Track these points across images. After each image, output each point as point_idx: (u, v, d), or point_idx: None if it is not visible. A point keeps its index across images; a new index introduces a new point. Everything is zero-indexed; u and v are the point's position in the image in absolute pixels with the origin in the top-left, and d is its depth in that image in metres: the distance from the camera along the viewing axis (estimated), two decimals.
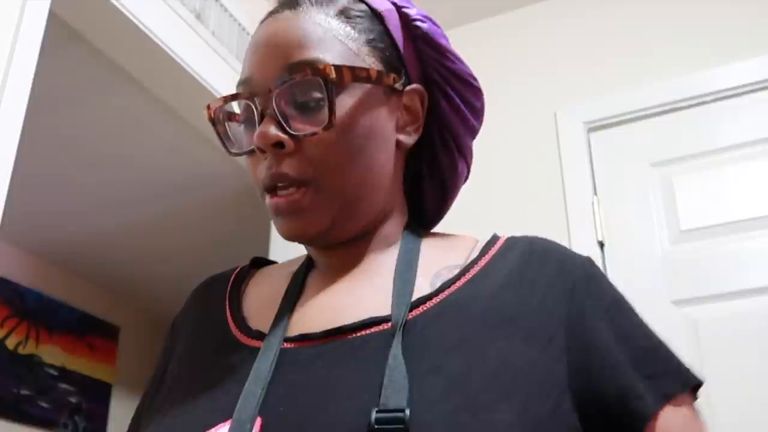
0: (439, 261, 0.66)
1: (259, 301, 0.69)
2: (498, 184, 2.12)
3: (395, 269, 0.64)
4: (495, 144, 2.16)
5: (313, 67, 0.60)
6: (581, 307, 0.61)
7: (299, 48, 0.62)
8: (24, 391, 3.41)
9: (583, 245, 1.93)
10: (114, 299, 4.06)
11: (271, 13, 0.66)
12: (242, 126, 0.65)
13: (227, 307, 0.69)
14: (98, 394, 3.82)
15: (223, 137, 0.66)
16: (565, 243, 2.16)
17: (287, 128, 0.60)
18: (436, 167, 0.73)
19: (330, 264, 0.68)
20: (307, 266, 0.69)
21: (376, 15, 0.67)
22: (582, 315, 0.61)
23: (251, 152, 0.63)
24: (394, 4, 0.68)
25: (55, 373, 3.60)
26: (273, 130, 0.60)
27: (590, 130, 2.07)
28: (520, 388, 0.55)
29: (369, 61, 0.64)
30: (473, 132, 0.73)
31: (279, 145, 0.60)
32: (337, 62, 0.61)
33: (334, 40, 0.63)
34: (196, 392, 0.61)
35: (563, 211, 1.99)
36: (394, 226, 0.69)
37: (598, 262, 1.89)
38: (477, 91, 0.72)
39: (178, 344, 0.71)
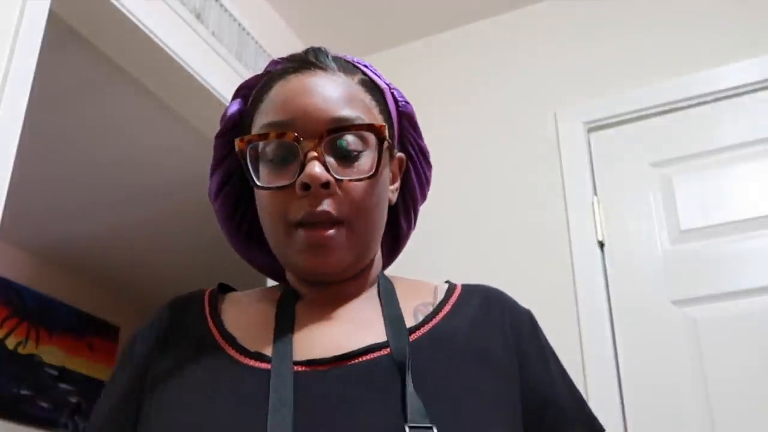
0: (412, 299, 0.76)
1: (245, 324, 0.73)
2: (498, 184, 2.12)
3: (381, 305, 0.73)
4: (495, 144, 2.16)
5: (369, 124, 0.70)
6: (527, 351, 0.74)
7: (342, 104, 0.70)
8: (24, 391, 3.42)
9: (583, 245, 1.93)
10: (114, 299, 4.07)
11: (299, 68, 0.73)
12: (270, 163, 0.71)
13: (213, 327, 0.73)
14: (98, 394, 3.81)
15: (252, 170, 0.71)
16: (565, 243, 2.14)
17: (332, 172, 0.68)
18: (394, 226, 0.82)
19: (320, 299, 0.75)
20: (292, 297, 0.75)
21: (379, 90, 0.77)
22: (527, 354, 0.74)
23: (282, 187, 0.69)
24: (387, 84, 0.79)
25: (55, 373, 3.60)
26: (324, 172, 0.67)
27: (590, 130, 2.07)
28: (502, 413, 0.67)
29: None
30: (424, 201, 0.84)
31: (325, 185, 0.67)
32: (379, 122, 0.72)
33: (362, 103, 0.73)
34: (211, 412, 0.64)
35: (563, 211, 1.99)
36: (375, 268, 0.78)
37: (598, 262, 1.90)
38: (431, 168, 0.84)
39: (156, 362, 0.72)
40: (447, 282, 0.80)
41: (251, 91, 0.78)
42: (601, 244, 1.93)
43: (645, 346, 1.78)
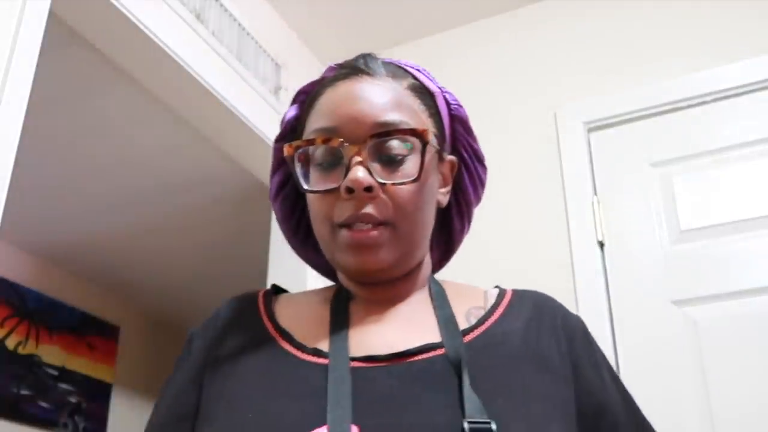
0: (463, 303, 0.77)
1: (300, 322, 0.76)
2: (498, 184, 2.12)
3: (433, 306, 0.76)
4: (495, 144, 2.16)
5: (412, 129, 0.72)
6: (580, 356, 0.75)
7: (388, 110, 0.73)
8: (24, 391, 3.42)
9: (583, 245, 1.93)
10: (114, 299, 4.07)
11: (348, 74, 0.76)
12: (318, 166, 0.73)
13: (270, 325, 0.76)
14: (98, 394, 3.83)
15: (303, 173, 0.74)
16: (565, 243, 2.14)
17: (375, 176, 0.70)
18: (447, 228, 0.84)
19: (372, 298, 0.77)
20: (346, 297, 0.78)
21: (430, 94, 0.79)
22: (580, 360, 0.75)
23: (328, 191, 0.71)
24: (439, 88, 0.81)
25: (55, 373, 3.60)
26: (367, 176, 0.69)
27: (590, 130, 2.07)
28: (559, 416, 0.68)
29: (432, 130, 0.76)
30: (478, 203, 0.86)
31: (368, 189, 0.69)
32: (418, 127, 0.74)
33: (409, 107, 0.75)
34: (271, 407, 0.66)
35: (563, 211, 1.99)
36: (425, 271, 0.80)
37: (598, 262, 1.90)
38: (486, 170, 0.85)
39: (213, 360, 0.74)
40: (497, 287, 0.82)
41: (307, 97, 0.81)
42: (601, 244, 1.93)
43: (645, 346, 1.78)
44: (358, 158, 0.70)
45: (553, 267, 1.94)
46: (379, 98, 0.73)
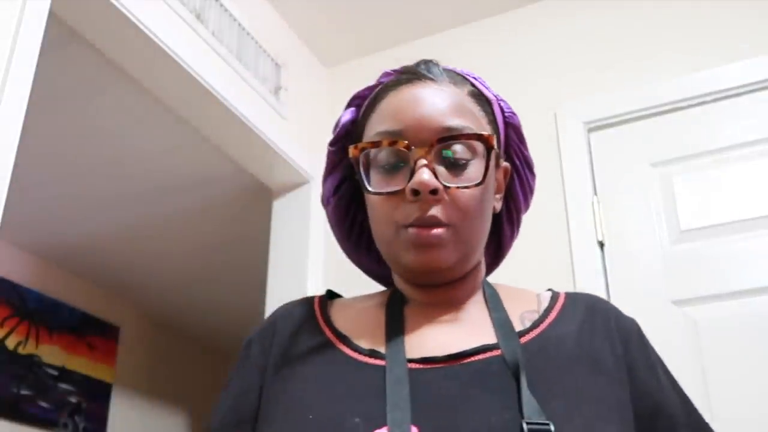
0: (517, 306, 0.78)
1: (356, 326, 0.77)
2: None
3: (488, 309, 0.76)
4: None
5: (478, 134, 0.73)
6: (636, 358, 0.75)
7: (452, 114, 0.74)
8: (24, 391, 3.42)
9: (583, 245, 1.93)
10: (114, 299, 4.07)
11: (410, 79, 0.77)
12: (381, 169, 0.74)
13: (327, 329, 0.78)
14: (98, 394, 3.83)
15: (368, 177, 0.75)
16: (565, 243, 2.14)
17: (440, 179, 0.71)
18: (497, 234, 0.86)
19: (428, 301, 0.78)
20: (400, 299, 0.79)
21: (487, 101, 0.80)
22: (636, 362, 0.75)
23: (392, 193, 0.72)
24: (495, 95, 0.83)
25: (55, 373, 3.60)
26: (433, 179, 0.70)
27: (590, 130, 2.07)
28: (615, 418, 0.68)
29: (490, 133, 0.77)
30: (527, 210, 0.88)
31: (434, 191, 0.70)
32: (486, 131, 0.76)
33: (471, 113, 0.76)
34: (332, 407, 0.67)
35: (563, 211, 1.99)
36: (480, 275, 0.81)
37: (598, 262, 1.90)
38: (535, 178, 0.87)
39: (273, 363, 0.76)
40: (549, 290, 0.82)
41: (363, 101, 0.82)
42: (601, 244, 1.93)
43: None
44: (423, 161, 0.71)
45: (553, 267, 1.94)
46: (443, 103, 0.75)
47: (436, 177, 0.71)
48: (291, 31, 2.48)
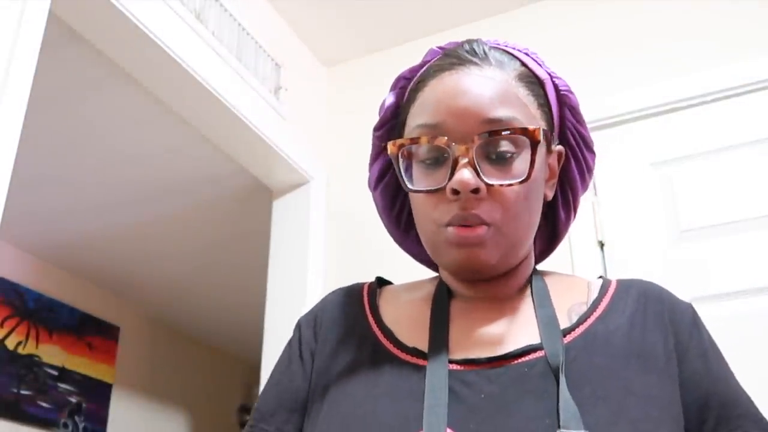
0: (566, 298, 0.75)
1: (401, 319, 0.76)
2: None
3: (534, 305, 0.73)
4: None
5: (522, 128, 0.68)
6: (687, 347, 0.71)
7: (495, 105, 0.69)
8: (24, 391, 3.42)
9: (583, 245, 1.93)
10: (114, 299, 4.07)
11: (453, 65, 0.72)
12: (422, 163, 0.71)
13: (373, 322, 0.76)
14: (98, 394, 3.82)
15: (405, 170, 0.71)
16: (565, 243, 2.14)
17: (482, 176, 0.67)
18: (552, 218, 0.82)
19: (474, 296, 0.75)
20: (447, 294, 0.76)
21: (539, 81, 0.74)
22: (687, 351, 0.71)
23: (433, 191, 0.69)
24: (549, 73, 0.77)
25: (55, 373, 3.60)
26: (473, 178, 0.66)
27: (590, 130, 2.06)
28: (666, 418, 0.64)
29: (540, 123, 0.73)
30: (585, 191, 0.82)
31: (475, 190, 0.67)
32: (526, 122, 0.70)
33: (518, 100, 0.71)
34: (370, 405, 0.67)
35: None
36: (527, 266, 0.78)
37: (598, 262, 1.90)
38: (594, 156, 0.82)
39: (322, 352, 0.76)
40: (600, 277, 0.79)
41: (408, 83, 0.78)
42: (601, 244, 1.93)
43: None
44: (465, 158, 0.67)
45: (553, 267, 1.93)
46: (486, 92, 0.69)
47: (478, 174, 0.67)
48: (291, 31, 2.48)
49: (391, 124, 0.79)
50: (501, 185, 0.67)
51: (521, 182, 0.68)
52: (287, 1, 2.36)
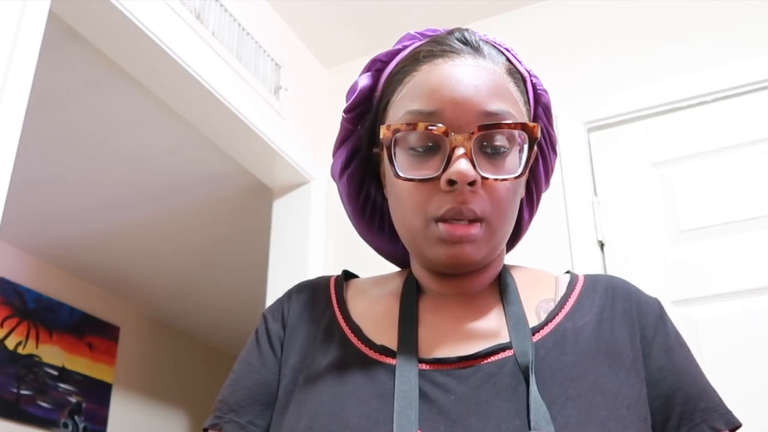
0: (534, 294, 0.74)
1: (369, 315, 0.74)
2: None
3: (503, 302, 0.72)
4: None
5: (523, 123, 0.66)
6: (652, 342, 0.70)
7: (493, 98, 0.67)
8: (24, 391, 3.42)
9: (583, 245, 1.93)
10: (114, 299, 4.07)
11: (446, 52, 0.69)
12: (411, 151, 0.68)
13: (340, 317, 0.74)
14: (98, 394, 3.82)
15: (395, 159, 0.68)
16: (565, 243, 2.14)
17: (478, 170, 0.65)
18: (518, 217, 0.79)
19: (445, 292, 0.74)
20: (415, 290, 0.74)
21: (522, 78, 0.73)
22: (651, 346, 0.70)
23: (426, 180, 0.66)
24: (527, 70, 0.75)
25: (55, 373, 3.60)
26: (471, 170, 0.64)
27: (590, 130, 2.07)
28: (634, 417, 0.64)
29: (526, 118, 0.72)
30: (547, 189, 0.81)
31: (471, 183, 0.65)
32: (519, 117, 0.69)
33: (510, 95, 0.69)
34: (339, 406, 0.64)
35: (563, 211, 1.99)
36: (500, 262, 0.76)
37: (598, 262, 1.90)
38: (556, 156, 0.81)
39: (290, 347, 0.73)
40: (568, 272, 0.78)
41: (384, 66, 0.75)
42: (601, 244, 1.93)
43: None
44: (462, 149, 0.65)
45: (553, 267, 1.93)
46: (484, 83, 0.67)
47: (474, 167, 0.64)
48: (291, 31, 2.48)
49: (364, 107, 0.76)
50: (496, 179, 0.66)
51: (516, 178, 0.67)
52: (287, 1, 2.36)
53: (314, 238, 2.28)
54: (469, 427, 0.60)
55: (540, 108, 0.76)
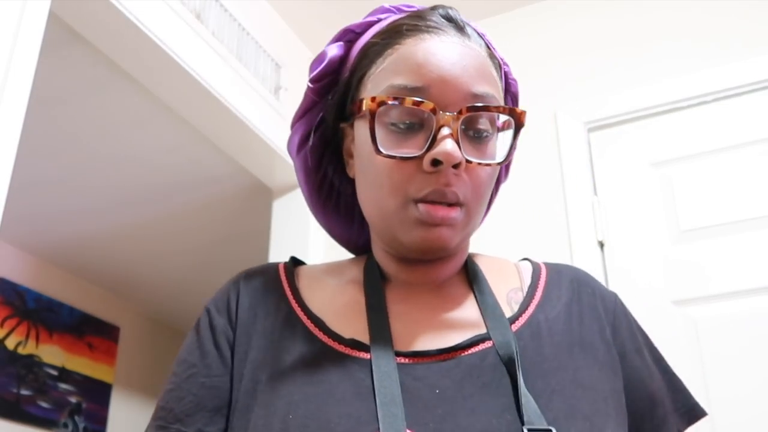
0: (500, 283, 0.72)
1: (330, 306, 0.69)
2: None
3: (474, 291, 0.69)
4: None
5: (510, 108, 0.65)
6: (624, 339, 0.71)
7: (480, 79, 0.65)
8: (24, 391, 3.42)
9: (583, 245, 1.93)
10: (114, 299, 4.07)
11: (432, 27, 0.66)
12: (391, 127, 0.64)
13: (298, 308, 0.69)
14: (98, 394, 3.82)
15: (378, 134, 0.64)
16: (565, 243, 2.14)
17: (463, 152, 0.62)
18: None
19: (411, 280, 0.70)
20: (379, 277, 0.70)
21: (498, 64, 0.71)
22: (624, 346, 0.70)
23: (409, 158, 0.63)
24: (500, 58, 0.73)
25: (55, 373, 3.60)
26: (457, 151, 0.61)
27: (590, 130, 2.07)
28: (611, 411, 0.63)
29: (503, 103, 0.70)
30: (506, 181, 0.79)
31: (456, 165, 0.62)
32: (502, 101, 0.68)
33: (493, 78, 0.67)
34: (316, 408, 0.59)
35: (563, 211, 1.99)
36: (466, 250, 0.74)
37: (598, 262, 1.90)
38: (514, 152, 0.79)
39: (243, 342, 0.67)
40: (526, 259, 0.77)
41: (357, 37, 0.72)
42: (601, 244, 1.93)
43: None
44: (447, 129, 0.62)
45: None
46: (471, 63, 0.65)
47: (460, 148, 0.61)
48: (291, 31, 2.48)
49: (332, 78, 0.72)
50: (480, 164, 0.63)
51: (499, 164, 0.65)
52: (287, 1, 2.36)
53: (314, 239, 2.28)
54: (459, 423, 0.57)
55: (509, 97, 0.74)
